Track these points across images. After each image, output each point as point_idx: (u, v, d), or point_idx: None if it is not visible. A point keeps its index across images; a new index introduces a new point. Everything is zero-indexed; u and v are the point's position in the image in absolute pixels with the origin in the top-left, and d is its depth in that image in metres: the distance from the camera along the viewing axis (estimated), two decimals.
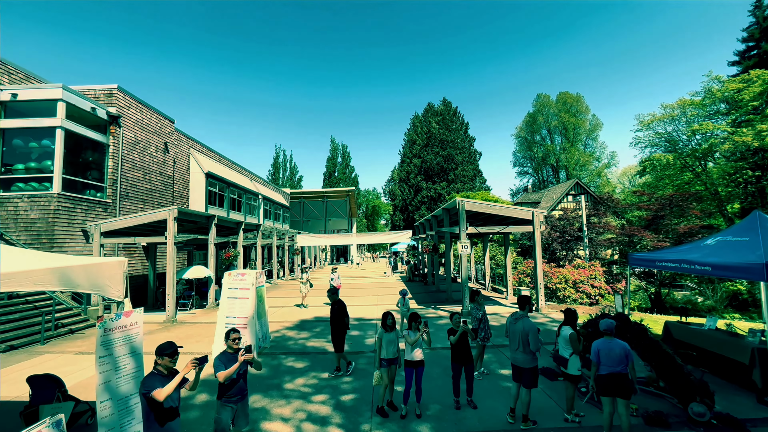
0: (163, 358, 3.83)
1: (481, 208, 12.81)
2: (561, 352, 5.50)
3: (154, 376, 3.75)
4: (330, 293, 7.77)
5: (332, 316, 7.47)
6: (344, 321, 7.41)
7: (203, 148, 23.95)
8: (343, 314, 7.45)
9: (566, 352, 5.39)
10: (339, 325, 7.39)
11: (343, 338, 7.36)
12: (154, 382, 3.64)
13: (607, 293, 16.27)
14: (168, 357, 3.86)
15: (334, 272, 15.11)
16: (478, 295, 7.40)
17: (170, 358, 3.88)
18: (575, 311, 5.65)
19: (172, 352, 3.90)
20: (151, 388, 3.58)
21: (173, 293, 12.54)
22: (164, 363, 3.83)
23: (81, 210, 13.55)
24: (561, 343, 5.53)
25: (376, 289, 20.56)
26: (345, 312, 7.50)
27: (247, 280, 8.65)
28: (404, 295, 10.28)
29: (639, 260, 8.15)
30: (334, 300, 7.62)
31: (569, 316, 5.62)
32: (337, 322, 7.40)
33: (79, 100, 13.71)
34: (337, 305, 7.51)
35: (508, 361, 7.84)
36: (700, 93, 33.64)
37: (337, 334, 7.35)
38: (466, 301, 12.57)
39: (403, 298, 10.23)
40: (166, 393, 3.60)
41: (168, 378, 3.79)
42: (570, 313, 5.62)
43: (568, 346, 5.37)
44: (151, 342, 9.90)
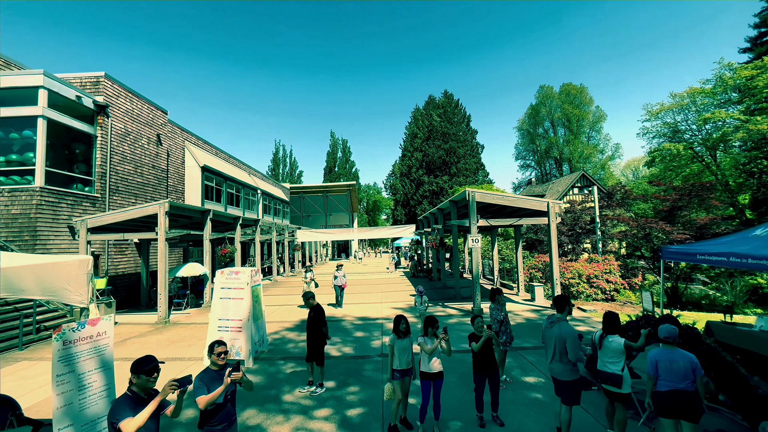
0: (140, 376, 3.05)
1: (492, 199, 11.99)
2: (609, 368, 4.45)
3: (126, 399, 2.98)
4: (306, 298, 6.76)
5: (309, 325, 6.46)
6: (322, 331, 6.43)
7: (199, 141, 23.09)
8: (320, 323, 6.44)
9: (618, 367, 4.40)
10: (316, 335, 6.39)
11: (322, 350, 6.40)
12: (123, 409, 2.88)
13: (623, 288, 15.49)
14: (146, 375, 3.07)
15: (339, 269, 14.03)
16: (500, 294, 6.60)
17: (148, 377, 3.08)
18: (617, 315, 4.73)
19: (151, 369, 3.10)
20: (120, 417, 2.82)
21: (165, 292, 11.78)
22: (141, 383, 3.05)
23: (66, 205, 12.75)
24: (608, 356, 4.49)
25: (379, 285, 19.82)
26: (323, 320, 6.49)
27: (241, 279, 7.86)
28: (421, 293, 9.55)
29: (675, 253, 7.35)
30: (311, 306, 6.63)
31: (612, 321, 4.61)
32: (314, 331, 6.40)
33: (62, 88, 12.86)
34: (313, 312, 6.52)
35: (531, 367, 7.09)
36: (710, 81, 32.62)
37: (314, 346, 6.36)
38: (477, 298, 11.80)
39: (421, 296, 9.49)
40: (137, 425, 2.83)
41: (144, 402, 3.02)
42: (612, 319, 4.63)
43: (620, 359, 4.40)
44: (140, 346, 9.19)
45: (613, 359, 4.44)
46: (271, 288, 20.29)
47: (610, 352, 4.46)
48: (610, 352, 4.47)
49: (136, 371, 3.06)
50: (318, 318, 6.47)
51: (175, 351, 8.74)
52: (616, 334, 4.54)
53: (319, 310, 6.56)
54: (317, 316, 6.48)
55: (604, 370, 4.51)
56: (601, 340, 4.61)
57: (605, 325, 4.66)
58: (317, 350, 6.36)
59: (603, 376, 4.50)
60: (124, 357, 8.33)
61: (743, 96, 29.50)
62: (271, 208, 34.92)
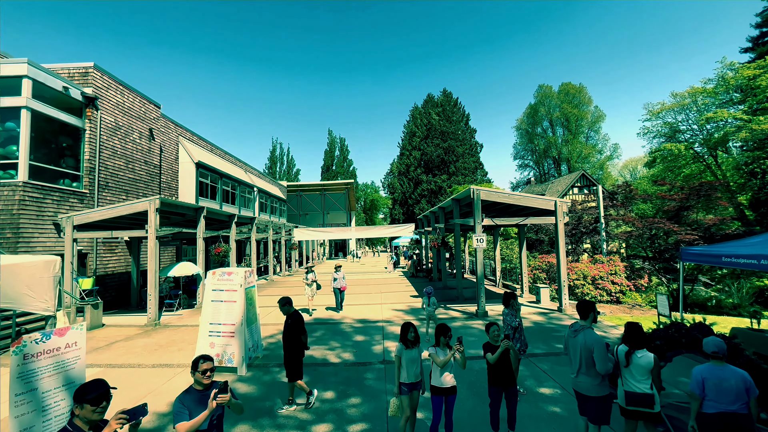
0: (83, 406, 2.51)
1: (498, 197, 11.54)
2: (638, 387, 3.88)
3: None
4: (281, 303, 6.04)
5: (285, 334, 5.80)
6: (301, 340, 5.81)
7: (194, 137, 22.47)
8: (299, 331, 5.80)
9: (647, 385, 3.84)
10: (294, 345, 5.74)
11: (299, 362, 5.75)
12: None
13: (628, 290, 15.09)
14: (91, 405, 2.51)
15: (338, 271, 13.03)
16: (514, 298, 6.13)
17: (94, 407, 2.52)
18: (641, 326, 4.11)
19: (98, 398, 2.55)
20: None
21: (155, 293, 11.23)
22: (85, 414, 2.50)
23: (52, 201, 12.15)
24: (636, 374, 3.91)
25: (378, 285, 19.34)
26: (302, 328, 5.86)
27: (234, 281, 7.35)
28: (429, 294, 9.01)
29: (697, 255, 6.93)
30: (287, 312, 6.00)
31: (637, 334, 3.99)
32: (291, 341, 5.74)
33: (48, 78, 12.25)
34: (290, 319, 5.88)
35: (545, 376, 6.62)
36: (712, 80, 32.37)
37: (291, 358, 5.70)
38: (482, 300, 11.35)
39: (428, 298, 8.97)
40: None
41: None
42: (638, 331, 4.01)
43: (649, 377, 3.84)
44: (126, 350, 8.62)
45: (643, 377, 3.88)
46: (268, 288, 19.75)
47: (640, 370, 3.89)
48: (639, 370, 3.89)
49: (79, 399, 2.51)
50: (295, 326, 5.81)
51: (163, 356, 8.21)
52: (643, 348, 3.97)
53: (297, 317, 5.90)
54: (295, 324, 5.82)
55: (631, 390, 3.92)
56: (627, 357, 3.99)
57: (630, 338, 4.04)
58: (292, 363, 5.68)
59: (632, 398, 3.89)
60: (108, 363, 7.80)
61: (745, 96, 29.24)
62: (268, 206, 34.33)
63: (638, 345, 3.98)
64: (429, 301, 8.94)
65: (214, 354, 7.15)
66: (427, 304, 8.97)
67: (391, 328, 10.29)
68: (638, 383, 3.91)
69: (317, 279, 13.07)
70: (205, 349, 7.18)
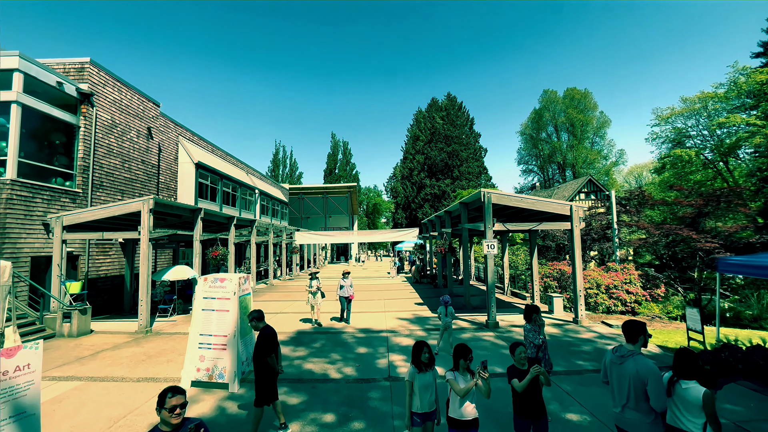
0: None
1: (510, 201, 10.91)
2: (686, 425, 3.21)
3: None
4: (251, 319, 5.31)
5: (255, 352, 5.08)
6: (271, 360, 4.99)
7: (194, 137, 22.00)
8: (266, 350, 4.98)
9: (698, 425, 3.16)
10: (262, 367, 5.00)
11: (268, 386, 4.96)
12: None
13: (644, 300, 14.37)
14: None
15: (346, 277, 11.67)
16: (537, 313, 5.48)
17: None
18: (694, 353, 3.41)
19: None
20: None
21: (147, 298, 10.62)
22: None
23: (42, 200, 11.62)
24: (683, 409, 3.25)
25: (381, 292, 18.67)
26: (271, 346, 5.01)
27: (227, 288, 6.74)
28: (447, 303, 8.29)
29: (738, 266, 6.26)
30: (258, 329, 5.24)
31: (687, 361, 3.32)
32: (258, 361, 5.01)
33: (41, 72, 11.77)
34: (262, 333, 5.11)
35: (569, 399, 5.95)
36: (723, 85, 31.74)
37: (263, 379, 4.97)
38: (492, 309, 10.68)
39: (445, 307, 8.28)
40: None
41: None
42: (688, 358, 3.33)
43: (700, 415, 3.15)
44: (112, 361, 7.94)
45: (691, 415, 3.20)
46: (267, 293, 19.13)
47: (688, 405, 3.21)
48: (687, 405, 3.22)
49: None
50: (267, 342, 5.02)
51: (149, 368, 7.59)
52: (693, 379, 3.28)
53: (267, 333, 5.10)
54: (266, 340, 5.04)
55: (677, 426, 3.27)
56: (671, 386, 3.37)
57: (679, 365, 3.37)
58: (259, 386, 4.96)
59: None
60: (89, 376, 7.18)
61: (758, 101, 28.58)
62: (269, 208, 33.80)
63: (686, 374, 3.32)
64: (447, 311, 8.26)
65: (204, 368, 6.54)
66: (444, 314, 8.29)
67: (396, 339, 9.64)
68: (687, 420, 3.23)
69: (322, 286, 11.72)
70: (194, 363, 6.56)
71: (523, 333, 7.76)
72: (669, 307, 14.58)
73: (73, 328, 10.02)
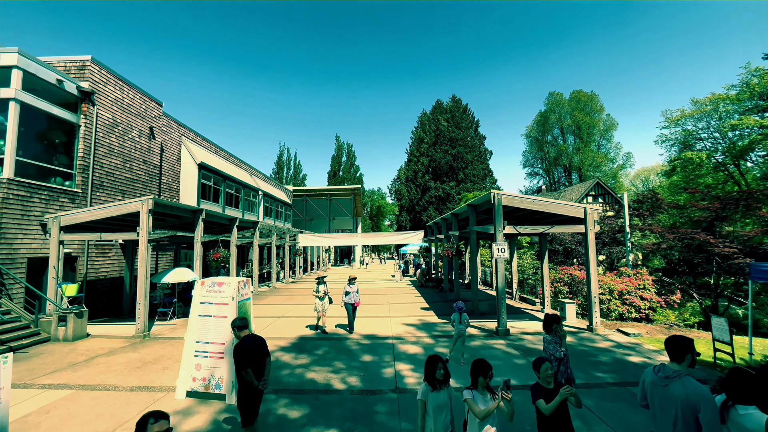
0: None
1: (522, 203, 10.48)
2: None
3: None
4: (234, 326, 4.80)
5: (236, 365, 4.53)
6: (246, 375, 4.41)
7: (197, 137, 21.78)
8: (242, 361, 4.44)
9: None
10: (241, 383, 4.50)
11: (250, 404, 4.51)
12: None
13: (659, 307, 13.84)
14: None
15: (352, 283, 10.81)
16: (558, 322, 5.06)
17: None
18: (750, 374, 2.97)
19: None
20: None
21: (145, 301, 10.28)
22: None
23: (40, 200, 11.35)
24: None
25: (386, 296, 18.23)
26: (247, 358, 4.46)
27: (225, 293, 6.37)
28: (461, 309, 7.85)
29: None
30: (239, 337, 4.75)
31: (743, 384, 2.89)
32: (238, 375, 4.52)
33: (40, 69, 11.54)
34: (237, 345, 4.56)
35: (592, 416, 5.51)
36: (735, 87, 31.09)
37: (240, 397, 4.52)
38: (503, 316, 10.23)
39: (459, 314, 7.85)
40: None
41: None
42: (742, 379, 2.90)
43: None
44: (105, 368, 7.51)
45: None
46: (269, 296, 18.77)
47: None
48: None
49: None
50: (236, 357, 4.50)
51: (144, 376, 7.22)
52: (753, 404, 2.83)
53: (241, 345, 4.56)
54: (236, 353, 4.52)
55: None
56: (724, 411, 2.93)
57: (734, 388, 2.94)
58: (241, 404, 4.51)
59: None
60: (80, 384, 6.83)
61: None
62: (273, 210, 33.54)
63: (744, 399, 2.88)
64: (461, 317, 7.83)
65: (200, 377, 6.16)
66: (457, 321, 7.85)
67: (402, 347, 9.21)
68: None
69: (329, 291, 11.04)
70: (189, 372, 6.19)
71: (533, 340, 7.36)
72: (685, 315, 14.04)
73: (68, 332, 9.70)
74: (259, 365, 4.65)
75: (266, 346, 4.84)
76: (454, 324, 7.92)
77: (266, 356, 4.76)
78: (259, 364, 4.64)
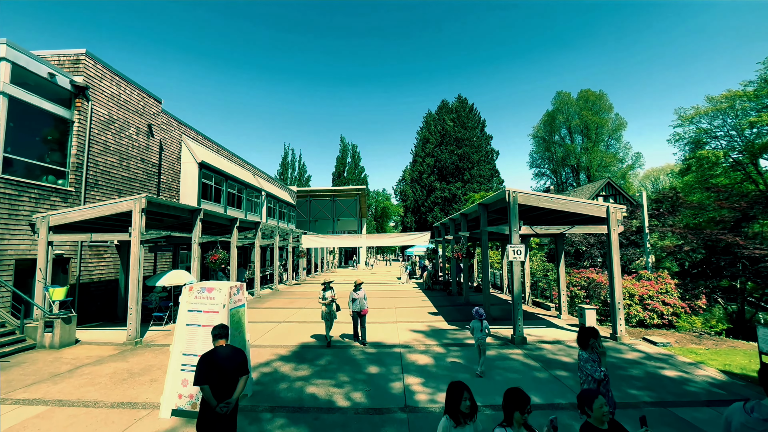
0: None
1: (539, 201, 9.74)
2: None
3: None
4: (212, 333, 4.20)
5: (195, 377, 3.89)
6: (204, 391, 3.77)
7: (198, 136, 21.26)
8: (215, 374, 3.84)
9: None
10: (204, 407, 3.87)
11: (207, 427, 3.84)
12: None
13: (683, 312, 13.00)
14: None
15: (359, 289, 9.73)
16: (596, 337, 4.33)
17: None
18: None
19: None
20: None
21: (137, 306, 9.68)
22: None
23: (29, 199, 10.81)
24: None
25: (392, 299, 17.52)
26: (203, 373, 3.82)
27: (215, 299, 5.72)
28: (482, 316, 7.18)
29: None
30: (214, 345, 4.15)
31: None
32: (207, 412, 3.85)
33: (31, 62, 11.03)
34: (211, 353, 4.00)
35: None
36: (753, 83, 30.04)
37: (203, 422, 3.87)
38: (519, 323, 9.48)
39: (480, 322, 7.17)
40: None
41: None
42: None
43: None
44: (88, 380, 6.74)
45: None
46: (271, 299, 18.15)
47: None
48: None
49: None
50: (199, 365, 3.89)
51: (129, 390, 6.57)
52: None
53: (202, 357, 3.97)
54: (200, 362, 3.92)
55: None
56: None
57: None
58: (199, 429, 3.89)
59: None
60: (58, 399, 6.20)
61: None
62: (276, 211, 33.00)
63: None
64: (482, 325, 7.14)
65: (187, 394, 5.52)
66: (478, 330, 7.15)
67: (411, 357, 8.51)
68: None
69: (336, 297, 9.69)
70: (175, 388, 5.54)
71: (552, 350, 6.63)
72: (712, 321, 13.18)
73: (55, 338, 9.12)
74: (229, 383, 3.94)
75: (245, 363, 4.13)
76: (474, 332, 7.21)
77: (242, 374, 4.03)
78: (229, 381, 3.93)
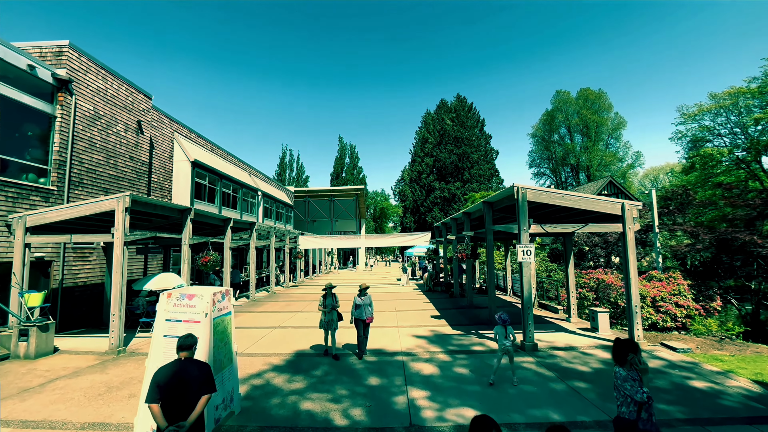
0: None
1: (550, 198, 9.14)
2: None
3: None
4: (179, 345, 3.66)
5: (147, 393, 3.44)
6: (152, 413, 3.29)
7: (191, 134, 20.60)
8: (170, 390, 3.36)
9: None
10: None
11: None
12: None
13: (697, 315, 12.40)
14: None
15: (363, 294, 8.62)
16: (636, 352, 3.70)
17: None
18: None
19: None
20: None
21: (120, 312, 9.02)
22: None
23: (6, 198, 10.13)
24: None
25: (393, 302, 16.88)
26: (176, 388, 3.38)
27: (196, 307, 5.08)
28: (505, 322, 6.71)
29: None
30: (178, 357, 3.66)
31: None
32: None
33: (8, 53, 10.36)
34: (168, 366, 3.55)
35: None
36: (757, 79, 29.61)
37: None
38: (530, 328, 8.87)
39: (505, 328, 6.68)
40: None
41: None
42: None
43: None
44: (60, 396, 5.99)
45: None
46: (267, 302, 17.49)
47: None
48: None
49: None
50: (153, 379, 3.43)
51: (103, 408, 5.92)
52: None
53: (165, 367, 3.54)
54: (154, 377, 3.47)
55: None
56: None
57: None
58: None
59: None
60: (22, 419, 5.54)
61: None
62: (273, 211, 32.33)
63: None
64: (506, 331, 6.62)
65: None
66: (503, 336, 6.63)
67: (415, 366, 7.88)
68: None
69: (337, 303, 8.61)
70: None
71: (566, 357, 6.04)
72: (728, 324, 12.59)
73: (30, 348, 8.45)
74: (189, 403, 3.35)
75: (211, 380, 3.55)
76: (498, 339, 6.67)
77: (206, 392, 3.45)
78: (188, 401, 3.35)
